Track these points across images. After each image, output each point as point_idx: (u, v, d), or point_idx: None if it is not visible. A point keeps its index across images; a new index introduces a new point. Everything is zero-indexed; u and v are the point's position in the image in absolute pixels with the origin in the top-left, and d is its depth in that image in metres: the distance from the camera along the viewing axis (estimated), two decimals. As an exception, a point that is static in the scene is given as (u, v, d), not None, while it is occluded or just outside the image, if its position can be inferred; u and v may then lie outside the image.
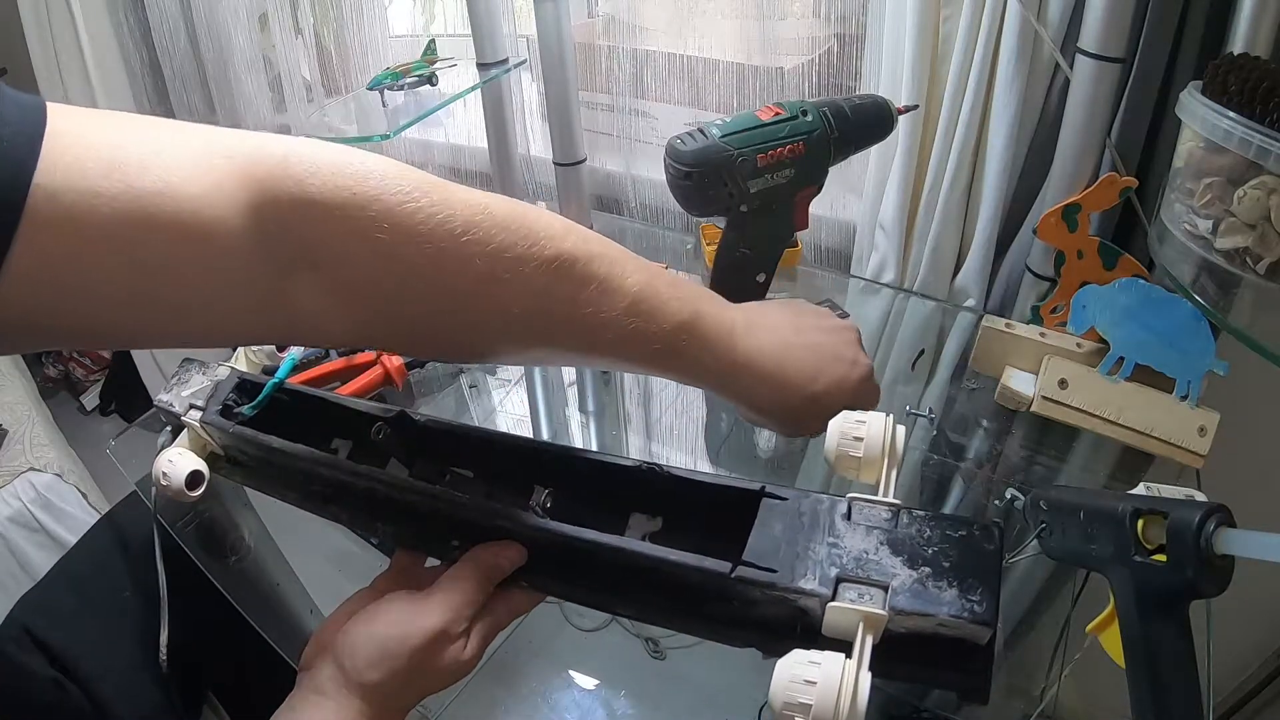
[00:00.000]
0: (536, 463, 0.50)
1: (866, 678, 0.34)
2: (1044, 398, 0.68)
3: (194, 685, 0.83)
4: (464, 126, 1.27)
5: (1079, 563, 0.47)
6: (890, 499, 0.42)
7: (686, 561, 0.39)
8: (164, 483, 0.50)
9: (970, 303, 0.88)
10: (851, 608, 0.36)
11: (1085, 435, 0.68)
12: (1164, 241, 0.59)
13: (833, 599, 0.37)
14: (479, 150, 1.26)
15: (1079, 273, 0.72)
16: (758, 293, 0.70)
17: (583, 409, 0.90)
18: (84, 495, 1.36)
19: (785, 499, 0.42)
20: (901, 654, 0.36)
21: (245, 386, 0.54)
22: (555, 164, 1.05)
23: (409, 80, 0.96)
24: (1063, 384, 0.68)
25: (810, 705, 0.33)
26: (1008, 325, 0.73)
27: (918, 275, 0.90)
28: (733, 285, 0.70)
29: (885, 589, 0.37)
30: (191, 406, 0.52)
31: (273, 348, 0.58)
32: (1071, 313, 0.69)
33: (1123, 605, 0.42)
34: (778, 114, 0.62)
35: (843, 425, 0.45)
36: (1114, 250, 0.72)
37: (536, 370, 0.88)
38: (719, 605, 0.40)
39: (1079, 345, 0.71)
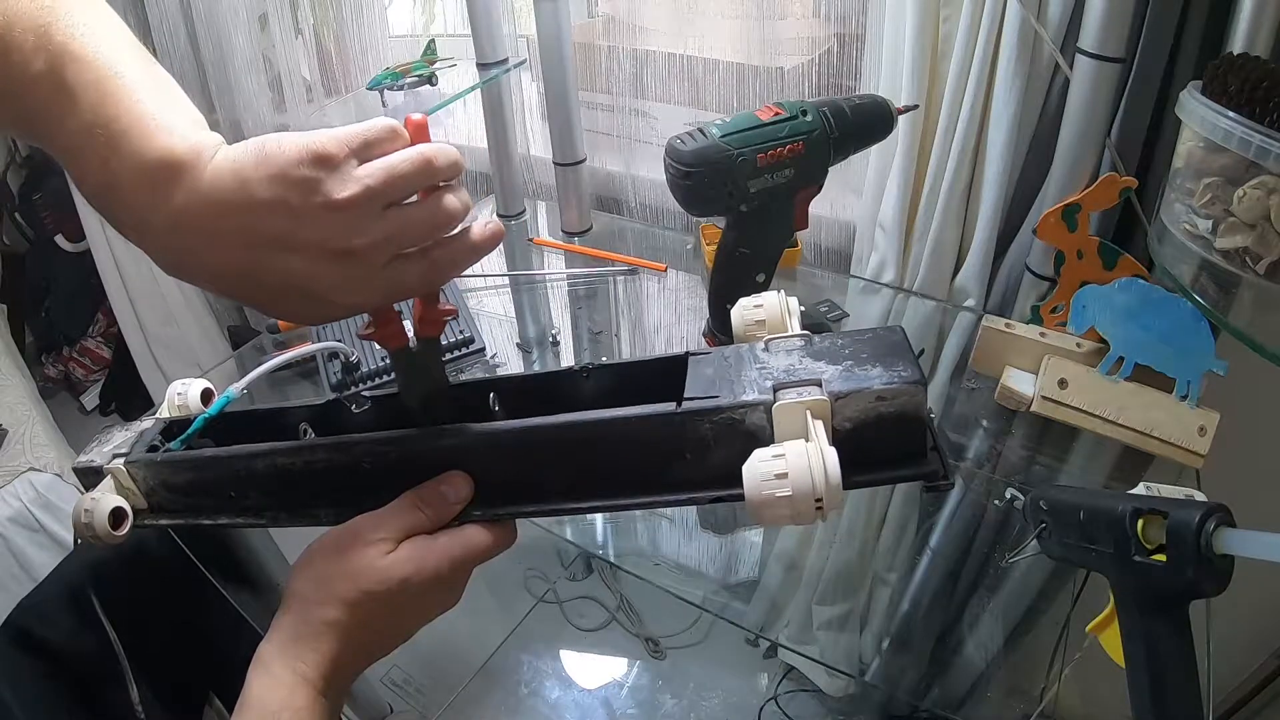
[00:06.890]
0: (479, 398, 0.50)
1: (831, 450, 0.36)
2: (1044, 398, 0.68)
3: (195, 686, 0.83)
4: (464, 126, 1.27)
5: (1079, 563, 0.47)
6: (799, 332, 0.46)
7: (633, 414, 0.42)
8: (85, 521, 0.47)
9: (970, 303, 0.88)
10: (795, 401, 0.39)
11: (1085, 435, 0.68)
12: (1164, 241, 0.59)
13: (775, 403, 0.40)
14: (479, 150, 1.26)
15: (1079, 273, 0.72)
16: (757, 293, 0.70)
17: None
18: (84, 495, 1.36)
19: (709, 353, 0.46)
20: (853, 455, 0.38)
21: (171, 429, 0.54)
22: (555, 164, 1.05)
23: (409, 80, 0.96)
24: (1063, 384, 0.68)
25: (786, 473, 0.36)
26: (1008, 325, 0.73)
27: (918, 275, 0.90)
28: (733, 285, 0.70)
29: (819, 384, 0.40)
30: (115, 456, 0.52)
31: (197, 399, 0.56)
32: (1071, 313, 0.69)
33: (1123, 605, 0.42)
34: (777, 114, 0.63)
35: (742, 302, 0.50)
36: (1114, 250, 0.72)
37: (535, 367, 0.88)
38: (676, 465, 0.42)
39: (1079, 345, 0.71)
